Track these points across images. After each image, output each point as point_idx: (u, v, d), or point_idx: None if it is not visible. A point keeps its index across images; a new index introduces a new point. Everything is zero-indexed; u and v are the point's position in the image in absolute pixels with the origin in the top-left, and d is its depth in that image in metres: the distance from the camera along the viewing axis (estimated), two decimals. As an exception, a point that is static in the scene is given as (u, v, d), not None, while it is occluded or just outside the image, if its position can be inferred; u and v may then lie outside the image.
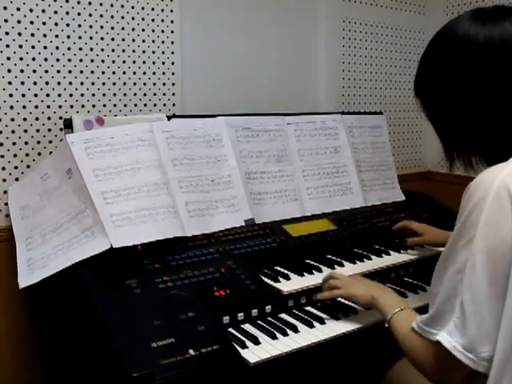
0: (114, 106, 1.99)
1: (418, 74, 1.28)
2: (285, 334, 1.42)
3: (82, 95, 1.92)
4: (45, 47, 1.82)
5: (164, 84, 2.10)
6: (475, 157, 1.21)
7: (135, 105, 2.04)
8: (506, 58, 1.12)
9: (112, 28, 1.95)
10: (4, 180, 1.79)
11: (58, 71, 1.86)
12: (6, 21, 1.74)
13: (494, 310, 1.01)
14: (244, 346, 1.34)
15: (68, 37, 1.86)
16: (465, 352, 1.03)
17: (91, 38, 1.91)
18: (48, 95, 1.85)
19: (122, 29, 1.98)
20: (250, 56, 2.34)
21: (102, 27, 1.93)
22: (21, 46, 1.77)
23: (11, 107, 1.78)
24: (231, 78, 2.28)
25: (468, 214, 1.05)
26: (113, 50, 1.97)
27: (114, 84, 1.99)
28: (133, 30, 2.00)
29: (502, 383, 1.00)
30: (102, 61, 1.95)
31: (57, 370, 1.80)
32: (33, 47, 1.80)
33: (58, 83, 1.87)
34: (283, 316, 1.53)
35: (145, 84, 2.06)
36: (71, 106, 1.90)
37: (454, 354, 1.04)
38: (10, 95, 1.77)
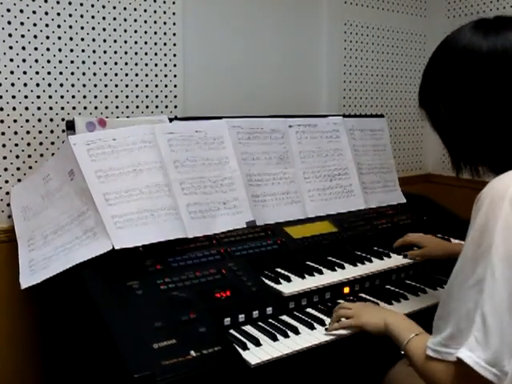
0: (116, 107, 2.00)
1: (422, 86, 1.28)
2: (286, 336, 1.42)
3: (85, 97, 1.93)
4: (47, 49, 1.83)
5: (166, 86, 2.11)
6: (482, 166, 1.21)
7: (137, 107, 2.05)
8: (508, 68, 1.12)
9: (114, 30, 1.96)
10: (6, 181, 1.80)
11: (61, 73, 1.87)
12: (9, 23, 1.75)
13: None
14: (245, 348, 1.34)
15: (71, 39, 1.87)
16: (488, 367, 0.99)
17: (94, 39, 1.92)
18: (50, 97, 1.86)
19: (125, 31, 1.99)
20: (252, 59, 2.35)
21: (104, 29, 1.94)
22: (24, 48, 1.78)
23: (14, 108, 1.79)
24: (233, 81, 2.29)
25: (483, 223, 1.03)
26: (115, 52, 1.97)
27: (117, 86, 1.99)
28: (135, 32, 2.01)
29: None
30: (105, 63, 1.96)
31: (58, 370, 1.80)
32: (35, 49, 1.81)
33: (61, 85, 1.87)
34: (284, 318, 1.54)
35: (147, 86, 2.07)
36: (73, 108, 1.91)
37: (476, 370, 0.99)
38: (13, 97, 1.78)
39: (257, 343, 1.37)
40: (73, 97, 1.90)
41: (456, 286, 1.08)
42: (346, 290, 1.71)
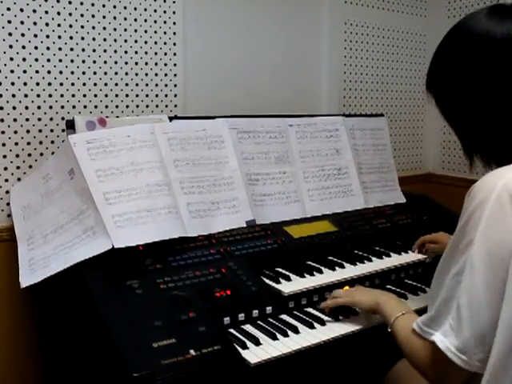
0: (116, 107, 2.00)
1: (431, 69, 1.25)
2: (285, 335, 1.42)
3: (85, 96, 1.93)
4: (47, 48, 1.83)
5: (166, 85, 2.11)
6: (490, 157, 1.19)
7: (137, 106, 2.05)
8: None
9: (115, 29, 1.96)
10: (6, 180, 1.80)
11: (61, 72, 1.87)
12: (9, 22, 1.75)
13: (492, 314, 1.01)
14: (245, 347, 1.34)
15: (71, 38, 1.87)
16: (458, 353, 1.04)
17: (94, 39, 1.92)
18: (50, 96, 1.86)
19: (125, 30, 1.98)
20: (252, 58, 2.35)
21: (104, 28, 1.94)
22: (24, 47, 1.78)
23: (14, 108, 1.79)
24: (233, 80, 2.29)
25: (469, 216, 1.05)
26: (115, 51, 1.97)
27: (117, 85, 1.99)
28: (135, 31, 2.01)
29: None
30: (105, 62, 1.96)
31: (58, 369, 1.80)
32: (35, 48, 1.80)
33: (61, 84, 1.87)
34: (284, 317, 1.54)
35: (147, 85, 2.07)
36: (73, 107, 1.91)
37: (446, 355, 1.05)
38: (13, 95, 1.78)
39: (256, 342, 1.37)
40: (73, 96, 1.90)
41: (441, 272, 1.12)
42: (346, 289, 1.70)
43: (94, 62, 1.93)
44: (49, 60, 1.84)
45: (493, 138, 1.16)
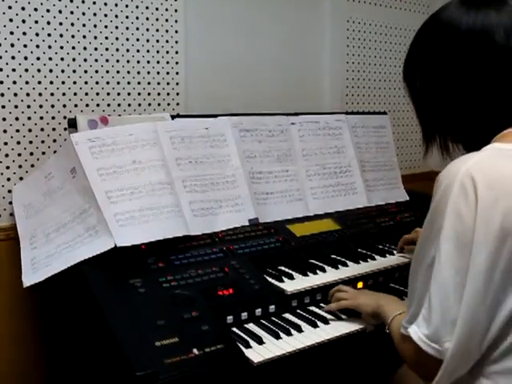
0: (119, 105, 2.00)
1: (406, 58, 1.30)
2: (289, 334, 1.42)
3: (87, 94, 1.92)
4: (49, 46, 1.82)
5: (168, 83, 2.10)
6: (452, 143, 1.24)
7: (139, 104, 2.04)
8: (485, 46, 1.12)
9: (116, 27, 1.95)
10: (8, 179, 1.80)
11: (63, 70, 1.86)
12: (11, 20, 1.74)
13: (460, 297, 1.01)
14: (248, 346, 1.34)
15: (72, 36, 1.86)
16: (429, 342, 1.04)
17: (95, 37, 1.91)
18: (52, 94, 1.85)
19: (127, 28, 1.98)
20: (254, 56, 2.34)
21: (106, 26, 1.93)
22: (25, 46, 1.78)
23: (16, 106, 1.78)
24: (235, 78, 2.28)
25: (436, 205, 1.06)
26: (117, 50, 1.97)
27: (119, 83, 1.99)
28: (137, 29, 2.00)
29: (457, 370, 1.02)
30: (107, 60, 1.95)
31: (60, 368, 1.80)
32: (37, 46, 1.80)
33: (63, 82, 1.87)
34: (287, 316, 1.53)
35: (149, 83, 2.06)
36: (75, 106, 1.90)
37: (419, 345, 1.06)
38: (15, 94, 1.78)
39: (259, 341, 1.36)
40: (75, 94, 1.90)
41: (415, 266, 1.13)
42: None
43: (96, 60, 1.93)
44: (51, 59, 1.83)
45: (455, 124, 1.20)
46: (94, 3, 1.90)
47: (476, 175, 1.01)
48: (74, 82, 1.89)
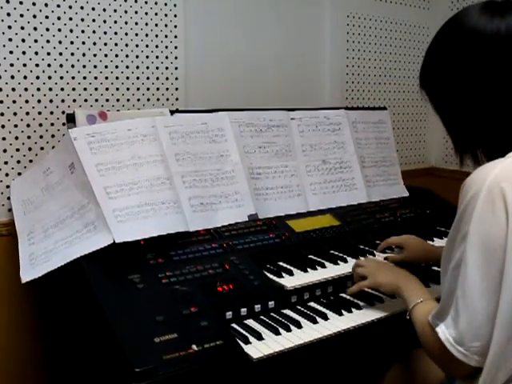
0: (117, 100, 1.99)
1: (424, 65, 1.26)
2: (288, 330, 1.41)
3: (85, 89, 1.91)
4: (47, 41, 1.82)
5: (167, 79, 2.09)
6: (481, 153, 1.20)
7: (138, 99, 2.04)
8: (511, 52, 1.10)
9: (115, 22, 1.95)
10: (7, 174, 1.79)
11: (61, 65, 1.85)
12: (8, 15, 1.73)
13: (487, 305, 1.02)
14: (247, 342, 1.33)
15: (71, 31, 1.86)
16: (455, 345, 1.06)
17: (94, 31, 1.91)
18: (51, 89, 1.85)
19: (126, 23, 1.97)
20: (254, 51, 2.33)
21: (104, 21, 1.92)
22: (23, 40, 1.77)
23: (14, 101, 1.78)
24: (234, 73, 2.28)
25: (462, 211, 1.07)
26: (116, 44, 1.96)
27: (117, 78, 1.98)
28: (136, 24, 1.99)
29: (498, 377, 1.02)
30: (105, 55, 1.94)
31: (59, 363, 1.80)
32: (35, 41, 1.79)
33: (61, 77, 1.86)
34: (286, 312, 1.52)
35: (148, 78, 2.05)
36: (74, 101, 1.89)
37: (445, 345, 1.07)
38: (13, 89, 1.77)
39: (259, 337, 1.36)
40: (73, 89, 1.89)
41: (444, 266, 1.14)
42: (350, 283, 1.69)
43: (95, 55, 1.92)
44: (49, 53, 1.82)
45: (484, 133, 1.17)
46: (93, -3, 1.89)
47: (504, 184, 1.02)
48: (73, 77, 1.88)
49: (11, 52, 1.75)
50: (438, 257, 1.51)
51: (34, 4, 1.77)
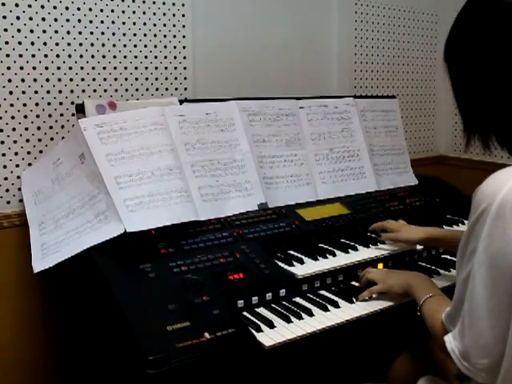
0: (126, 90, 1.99)
1: (449, 37, 1.18)
2: (299, 318, 1.41)
3: (94, 80, 1.91)
4: (56, 31, 1.81)
5: (175, 68, 2.09)
6: (492, 137, 1.13)
7: (147, 89, 2.03)
8: None
9: (123, 12, 1.94)
10: (17, 165, 1.80)
11: (69, 56, 1.85)
12: (16, 5, 1.73)
13: (495, 324, 0.99)
14: (259, 330, 1.34)
15: (79, 21, 1.85)
16: (461, 359, 1.05)
17: (102, 21, 1.90)
18: (60, 80, 1.85)
19: (133, 12, 1.96)
20: (262, 40, 2.32)
21: (112, 11, 1.92)
22: (32, 31, 1.77)
23: (23, 92, 1.78)
24: (243, 62, 2.27)
25: (473, 224, 1.03)
26: (124, 34, 1.96)
27: (126, 68, 1.98)
28: (144, 13, 1.99)
29: None
30: (114, 45, 1.94)
31: (71, 353, 1.81)
32: (44, 31, 1.79)
33: (70, 68, 1.86)
34: (297, 300, 1.53)
35: (156, 68, 2.05)
36: (83, 91, 1.89)
37: (451, 355, 1.07)
38: (22, 80, 1.77)
39: (270, 325, 1.36)
40: (82, 80, 1.89)
41: (457, 268, 1.12)
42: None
43: (103, 45, 1.92)
44: (57, 44, 1.82)
45: (501, 115, 1.10)
46: (101, -13, 1.88)
47: None
48: (82, 68, 1.88)
49: (20, 43, 1.75)
50: (445, 239, 1.63)
51: (42, -6, 1.77)
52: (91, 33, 1.88)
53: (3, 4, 1.70)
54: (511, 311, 0.98)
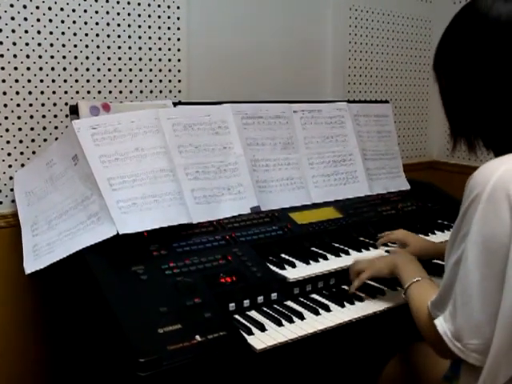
0: (120, 92, 1.99)
1: (438, 46, 1.23)
2: (291, 321, 1.42)
3: (88, 81, 1.91)
4: (50, 33, 1.81)
5: (170, 70, 2.09)
6: (479, 140, 1.19)
7: (141, 91, 2.04)
8: (509, 39, 1.08)
9: (118, 14, 1.94)
10: (10, 166, 1.79)
11: (64, 57, 1.85)
12: (11, 6, 1.73)
13: (487, 304, 1.02)
14: (250, 333, 1.34)
15: (74, 22, 1.85)
16: (453, 340, 1.07)
17: (97, 23, 1.90)
18: (54, 81, 1.84)
19: (128, 15, 1.97)
20: (257, 44, 2.33)
21: (107, 13, 1.92)
22: (26, 31, 1.77)
23: (17, 93, 1.78)
24: (237, 65, 2.27)
25: (466, 209, 1.06)
26: (119, 36, 1.96)
27: (120, 70, 1.98)
28: (139, 15, 1.99)
29: (498, 378, 1.01)
30: (108, 47, 1.94)
31: (63, 355, 1.81)
32: (38, 32, 1.79)
33: (64, 69, 1.86)
34: (289, 303, 1.53)
35: (151, 70, 2.05)
36: (77, 92, 1.89)
37: (443, 339, 1.08)
38: (16, 81, 1.77)
39: (262, 328, 1.36)
40: (76, 81, 1.89)
41: (446, 258, 1.14)
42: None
43: (98, 46, 1.92)
44: (52, 45, 1.82)
45: (487, 120, 1.15)
46: (96, -11, 1.88)
47: (509, 185, 1.00)
48: (76, 69, 1.88)
49: (14, 43, 1.75)
50: (439, 253, 1.57)
51: (37, -5, 1.77)
52: (86, 34, 1.88)
53: (-2, 4, 1.71)
54: (502, 292, 1.00)
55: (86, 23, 1.88)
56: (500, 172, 1.02)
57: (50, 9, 1.80)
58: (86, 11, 1.87)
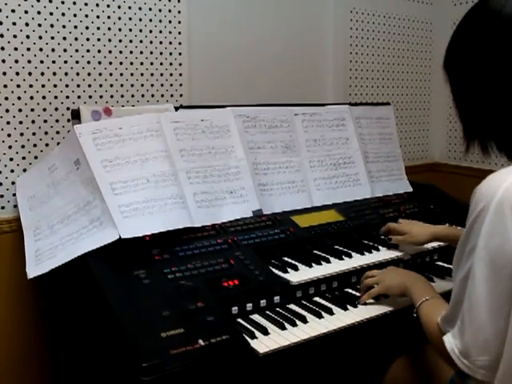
0: (122, 96, 1.99)
1: (449, 45, 1.21)
2: (294, 325, 1.41)
3: (90, 86, 1.92)
4: (52, 37, 1.82)
5: (171, 74, 2.10)
6: (492, 143, 1.16)
7: (142, 95, 2.04)
8: None
9: (119, 18, 1.95)
10: (12, 171, 1.80)
11: (65, 61, 1.86)
12: (13, 11, 1.74)
13: (495, 319, 1.01)
14: (253, 337, 1.34)
15: (75, 27, 1.86)
16: (461, 357, 1.06)
17: (98, 28, 1.91)
18: (55, 86, 1.85)
19: (130, 19, 1.97)
20: (258, 47, 2.33)
21: (108, 17, 1.93)
22: (28, 37, 1.77)
23: (19, 98, 1.78)
24: (238, 69, 2.28)
25: (472, 222, 1.05)
26: (120, 41, 1.96)
27: (122, 75, 1.98)
28: (140, 20, 2.00)
29: None
30: (110, 51, 1.94)
31: (65, 360, 1.81)
32: (40, 37, 1.80)
33: (66, 74, 1.86)
34: (292, 307, 1.53)
35: (152, 75, 2.05)
36: (78, 97, 1.90)
37: (451, 356, 1.08)
38: (18, 86, 1.77)
39: (265, 332, 1.36)
40: (78, 86, 1.89)
41: (454, 274, 1.13)
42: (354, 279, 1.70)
43: (99, 51, 1.92)
44: (53, 50, 1.83)
45: (500, 122, 1.12)
46: (97, -6, 1.89)
47: None
48: (77, 74, 1.89)
49: (16, 49, 1.75)
50: (442, 235, 1.66)
51: (38, 0, 1.77)
52: (87, 39, 1.89)
53: (-1, 10, 1.71)
54: (510, 307, 0.99)
55: (87, 28, 1.88)
56: (507, 184, 1.00)
57: (51, 14, 1.80)
58: (87, 16, 1.88)
